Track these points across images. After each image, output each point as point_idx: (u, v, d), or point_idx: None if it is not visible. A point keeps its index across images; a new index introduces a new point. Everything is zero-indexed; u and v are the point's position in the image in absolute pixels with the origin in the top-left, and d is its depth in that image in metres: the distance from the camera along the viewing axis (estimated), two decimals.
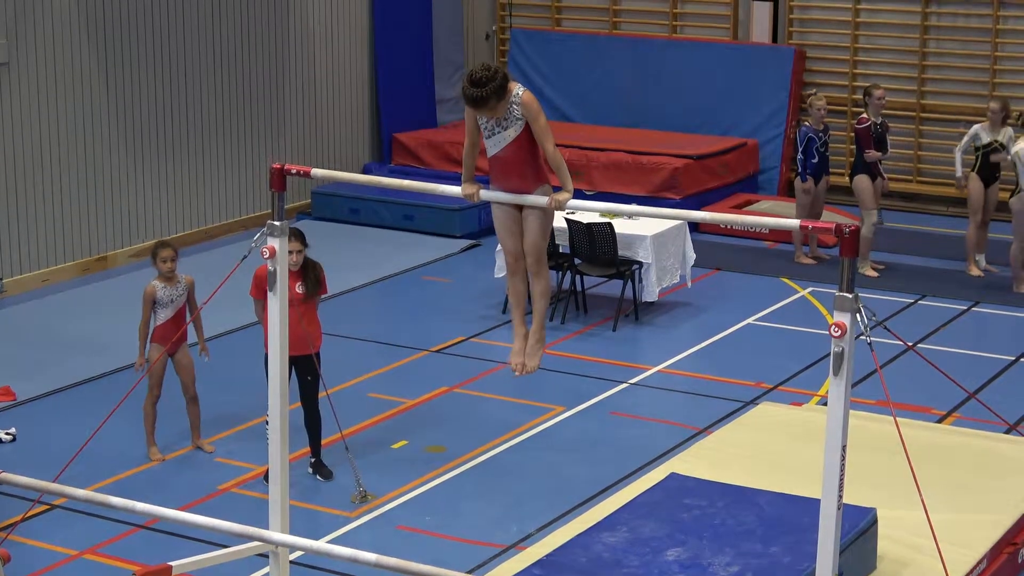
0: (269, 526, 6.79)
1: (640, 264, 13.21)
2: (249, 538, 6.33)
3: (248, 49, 16.23)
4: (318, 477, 9.88)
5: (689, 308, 13.72)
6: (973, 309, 13.71)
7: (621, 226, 13.15)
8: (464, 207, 15.75)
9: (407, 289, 14.41)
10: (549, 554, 7.27)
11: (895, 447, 6.13)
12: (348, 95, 17.66)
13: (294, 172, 6.59)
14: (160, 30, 15.16)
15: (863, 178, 14.55)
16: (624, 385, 11.70)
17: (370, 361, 12.18)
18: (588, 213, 12.88)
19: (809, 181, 14.84)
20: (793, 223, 5.86)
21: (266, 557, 7.11)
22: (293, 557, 8.13)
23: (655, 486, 8.04)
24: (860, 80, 17.53)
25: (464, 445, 10.43)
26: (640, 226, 13.34)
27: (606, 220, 12.98)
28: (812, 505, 6.29)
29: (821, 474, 5.49)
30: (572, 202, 6.29)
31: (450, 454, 10.29)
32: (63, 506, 9.33)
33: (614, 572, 6.97)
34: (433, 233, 16.05)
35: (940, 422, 10.71)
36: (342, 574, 8.45)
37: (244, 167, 16.34)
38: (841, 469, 5.45)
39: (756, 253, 15.64)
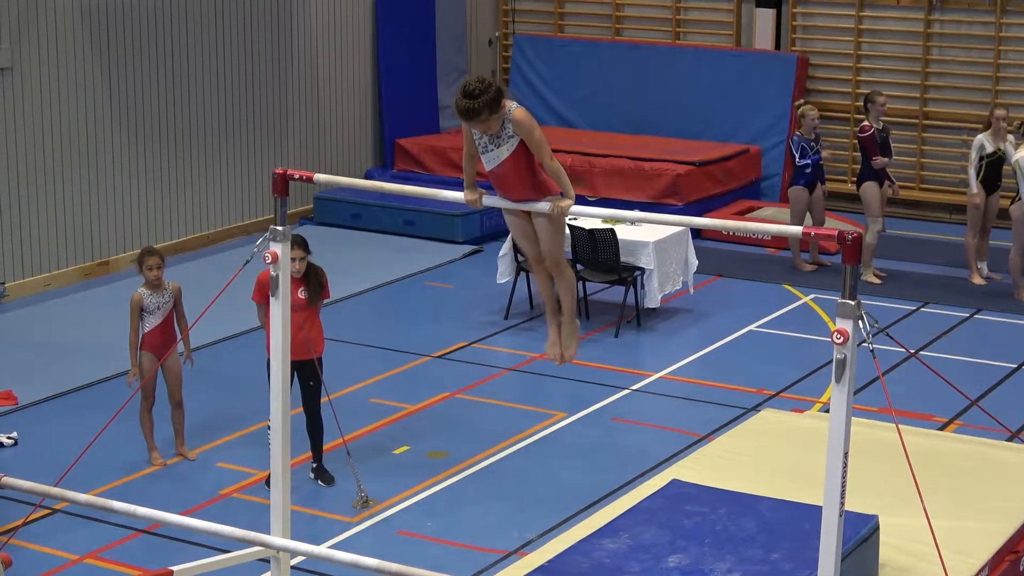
0: (270, 531, 6.79)
1: (642, 270, 13.20)
2: (250, 543, 6.33)
3: (251, 54, 16.23)
4: (320, 482, 9.87)
5: (691, 314, 13.72)
6: (975, 316, 13.70)
7: (623, 232, 13.15)
8: (466, 212, 15.76)
9: (409, 294, 14.42)
10: (550, 560, 7.26)
11: (897, 454, 6.12)
12: (351, 100, 17.67)
13: (297, 177, 6.59)
14: (163, 35, 15.17)
15: (871, 185, 14.53)
16: (626, 391, 11.69)
17: (372, 366, 12.17)
18: (590, 219, 12.88)
19: (803, 190, 14.86)
20: (796, 230, 5.84)
21: (267, 562, 7.10)
22: (294, 562, 8.12)
23: (656, 492, 8.02)
24: (863, 87, 17.53)
25: (466, 451, 10.42)
26: (642, 232, 13.34)
27: (608, 226, 12.98)
28: (814, 512, 6.28)
29: (823, 481, 5.49)
30: (574, 208, 6.30)
31: (451, 460, 10.29)
32: (64, 510, 9.33)
33: None
34: (435, 239, 16.05)
35: (942, 429, 10.71)
36: None
37: (247, 172, 16.34)
38: (843, 476, 5.44)
39: (758, 260, 15.64)
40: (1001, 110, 14.52)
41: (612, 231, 12.94)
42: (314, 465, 9.93)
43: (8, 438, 10.52)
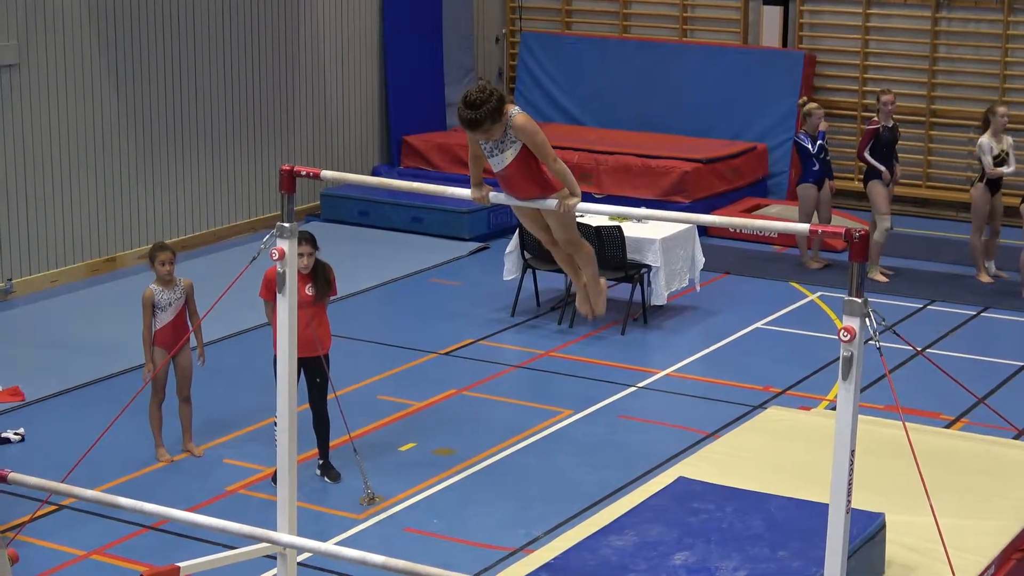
0: (277, 527, 6.79)
1: (649, 268, 13.20)
2: (257, 539, 6.33)
3: (258, 51, 16.24)
4: (326, 479, 9.88)
5: (698, 312, 13.71)
6: (982, 314, 13.69)
7: (630, 230, 13.15)
8: (473, 209, 15.75)
9: (416, 291, 14.42)
10: (556, 557, 7.25)
11: (904, 452, 6.12)
12: (358, 97, 17.67)
13: (304, 174, 6.58)
14: (170, 32, 15.18)
15: (877, 183, 14.51)
16: (632, 389, 11.69)
17: (379, 363, 12.18)
18: (597, 216, 12.88)
19: (811, 187, 14.85)
20: (803, 227, 5.83)
21: (274, 559, 7.11)
22: (301, 559, 8.13)
23: (663, 490, 8.02)
24: (870, 85, 17.53)
25: (472, 448, 10.43)
26: (649, 230, 13.34)
27: (615, 223, 12.97)
28: (820, 510, 6.28)
29: (829, 478, 5.48)
30: (581, 205, 6.30)
31: (458, 457, 10.29)
32: (71, 506, 9.34)
33: None
34: (442, 236, 16.06)
35: (949, 427, 10.70)
36: None
37: (254, 169, 16.35)
38: (850, 474, 5.44)
39: (765, 257, 15.63)
40: (1002, 107, 14.52)
41: (619, 228, 12.93)
42: (321, 462, 9.94)
43: (15, 434, 10.53)
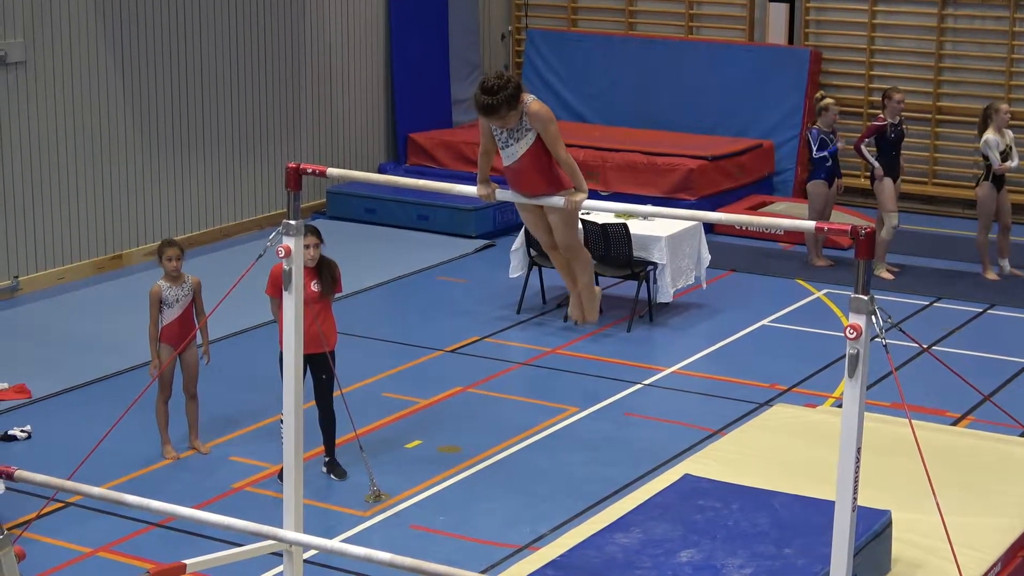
0: (283, 525, 6.79)
1: (655, 265, 13.20)
2: (263, 537, 6.33)
3: (264, 48, 16.25)
4: (332, 476, 9.89)
5: (704, 309, 13.71)
6: (988, 312, 13.67)
7: (636, 227, 13.14)
8: (479, 207, 15.75)
9: (422, 289, 14.42)
10: (562, 555, 7.26)
11: (910, 449, 6.11)
12: (364, 95, 17.67)
13: (310, 171, 6.59)
14: (176, 29, 15.19)
15: (885, 180, 14.48)
16: (638, 386, 11.69)
17: (384, 361, 12.18)
18: (603, 214, 12.88)
19: (823, 184, 14.82)
20: (809, 225, 5.83)
21: (280, 556, 7.11)
22: (307, 556, 8.14)
23: (669, 487, 8.02)
24: (876, 82, 17.51)
25: (478, 445, 10.43)
26: (655, 227, 13.34)
27: (621, 221, 12.97)
28: (826, 507, 6.27)
29: (835, 476, 5.48)
30: (587, 203, 6.31)
31: (464, 454, 10.30)
32: (78, 504, 9.35)
33: (627, 573, 6.96)
34: (448, 233, 16.06)
35: (955, 424, 10.69)
36: (356, 573, 8.46)
37: (260, 166, 16.36)
38: (856, 471, 5.44)
39: (771, 255, 15.62)
40: (1004, 104, 14.51)
41: (625, 226, 12.93)
42: (327, 459, 9.94)
43: (22, 431, 10.55)
